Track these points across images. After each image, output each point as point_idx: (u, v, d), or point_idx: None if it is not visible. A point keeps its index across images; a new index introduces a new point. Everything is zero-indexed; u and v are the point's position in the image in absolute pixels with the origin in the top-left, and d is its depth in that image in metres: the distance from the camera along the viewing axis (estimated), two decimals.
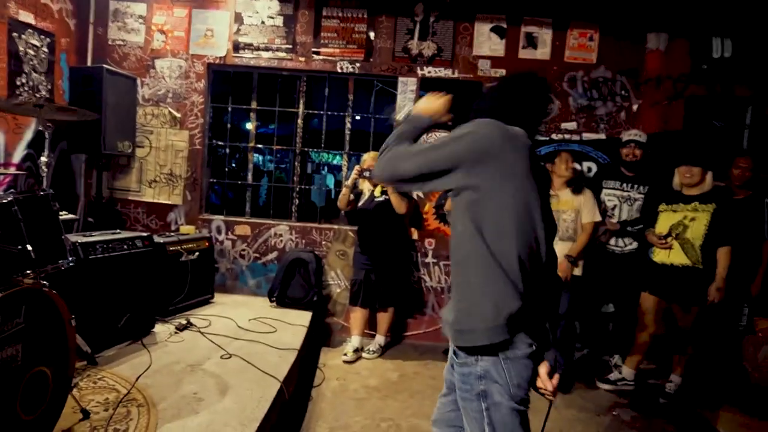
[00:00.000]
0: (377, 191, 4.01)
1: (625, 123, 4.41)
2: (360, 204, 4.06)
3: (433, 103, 1.73)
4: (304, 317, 4.04)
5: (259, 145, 4.98)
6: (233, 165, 10.08)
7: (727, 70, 4.34)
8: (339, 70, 4.49)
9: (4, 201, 2.06)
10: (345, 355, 3.99)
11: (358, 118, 4.78)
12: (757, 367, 3.50)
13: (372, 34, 4.46)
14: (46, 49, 3.95)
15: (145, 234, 3.39)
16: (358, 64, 4.48)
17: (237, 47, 4.50)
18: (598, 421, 3.28)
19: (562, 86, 4.44)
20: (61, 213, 3.58)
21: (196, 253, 4.07)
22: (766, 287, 3.67)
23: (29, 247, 2.08)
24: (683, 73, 4.38)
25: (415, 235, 4.52)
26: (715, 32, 4.34)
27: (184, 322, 3.57)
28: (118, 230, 3.41)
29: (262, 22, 4.47)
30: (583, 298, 3.93)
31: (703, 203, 3.37)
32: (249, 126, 4.95)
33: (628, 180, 3.92)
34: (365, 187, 4.11)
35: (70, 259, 2.32)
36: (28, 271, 2.09)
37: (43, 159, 2.53)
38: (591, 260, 3.83)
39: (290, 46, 4.47)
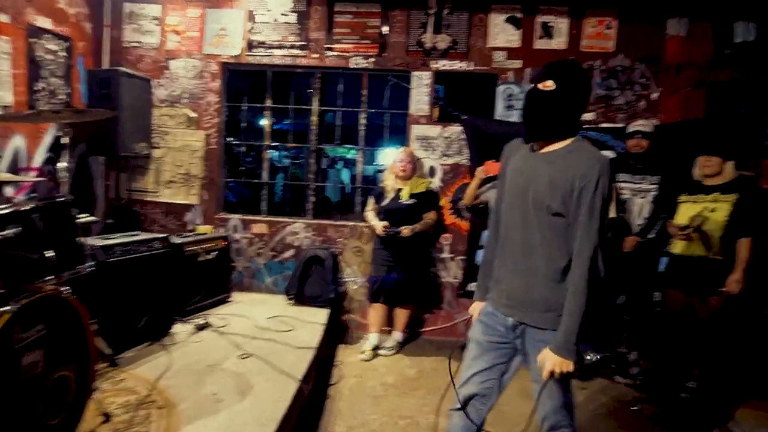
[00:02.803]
0: (405, 194, 3.98)
1: (645, 112, 4.31)
2: (384, 204, 4.03)
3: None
4: (321, 315, 4.05)
5: (274, 144, 4.99)
6: (249, 161, 10.15)
7: (750, 55, 4.21)
8: (353, 66, 4.46)
9: (24, 209, 2.09)
10: (363, 353, 4.00)
11: (373, 111, 4.76)
12: None
13: (385, 29, 4.41)
14: (64, 54, 4.00)
15: (162, 235, 3.43)
16: (371, 59, 4.45)
17: (251, 46, 4.50)
18: (618, 417, 3.24)
19: None
20: (81, 216, 3.66)
21: (214, 253, 4.11)
22: None
23: (49, 254, 2.11)
24: (705, 59, 4.26)
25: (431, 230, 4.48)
26: (737, 16, 4.19)
27: (202, 321, 3.60)
28: (137, 232, 3.46)
29: (275, 20, 4.46)
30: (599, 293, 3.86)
31: (724, 193, 3.27)
32: (264, 123, 4.95)
33: (637, 171, 3.82)
34: (389, 184, 4.09)
35: (90, 263, 2.35)
36: (49, 277, 2.12)
37: (62, 164, 2.55)
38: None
39: (304, 43, 4.46)
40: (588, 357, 1.76)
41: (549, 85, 1.76)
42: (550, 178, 1.76)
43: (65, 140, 2.58)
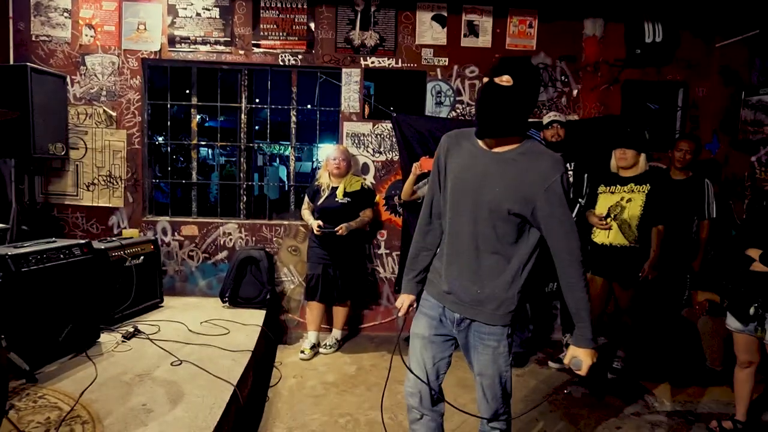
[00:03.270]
0: (339, 193, 3.96)
1: (566, 108, 4.53)
2: (320, 203, 4.00)
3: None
4: (257, 316, 3.98)
5: (202, 142, 4.84)
6: (181, 160, 9.74)
7: (658, 54, 4.52)
8: (281, 63, 4.39)
9: None
10: (302, 352, 3.97)
11: (304, 108, 4.72)
12: (698, 338, 3.68)
13: (313, 25, 4.38)
14: None
15: (83, 241, 3.24)
16: (300, 56, 4.40)
17: (172, 41, 4.32)
18: (551, 400, 3.40)
19: None
20: None
21: (141, 257, 3.94)
22: (707, 263, 3.86)
23: None
24: (619, 58, 4.52)
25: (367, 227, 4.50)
26: (646, 17, 4.49)
27: (131, 329, 3.44)
28: (53, 239, 3.24)
29: (198, 14, 4.31)
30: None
31: (638, 184, 3.50)
32: (191, 121, 4.78)
33: None
34: (324, 182, 4.06)
35: None
36: None
37: None
38: None
39: (229, 39, 4.34)
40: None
41: (506, 80, 1.70)
42: (510, 180, 1.75)
43: None
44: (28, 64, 3.76)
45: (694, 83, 4.55)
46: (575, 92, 4.55)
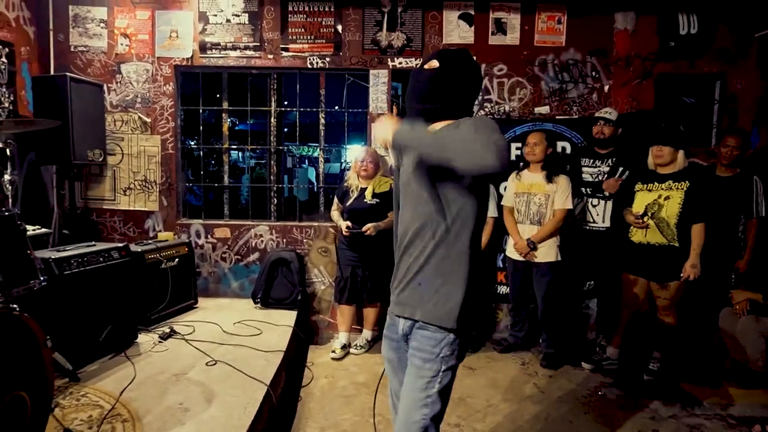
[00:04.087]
0: (368, 194, 3.98)
1: (597, 104, 4.44)
2: (349, 204, 4.03)
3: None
4: (289, 317, 4.03)
5: (233, 146, 4.92)
6: (213, 163, 9.96)
7: (693, 47, 4.39)
8: (309, 66, 4.44)
9: None
10: (333, 352, 4.00)
11: (332, 110, 4.75)
12: (735, 340, 3.55)
13: (340, 28, 4.41)
14: (5, 60, 3.85)
15: (121, 245, 3.35)
16: (327, 59, 4.44)
17: (203, 47, 4.42)
18: (584, 402, 3.34)
19: (534, 71, 4.44)
20: (34, 227, 3.54)
21: (176, 260, 4.04)
22: (754, 264, 3.72)
23: None
24: (651, 52, 4.41)
25: None
26: (680, 8, 4.37)
27: (167, 330, 3.54)
28: (93, 242, 3.36)
29: (228, 21, 4.40)
30: (564, 281, 3.99)
31: (677, 181, 3.40)
32: (222, 125, 4.88)
33: (600, 157, 3.96)
34: (353, 183, 4.09)
35: (42, 278, 2.28)
36: None
37: (7, 177, 2.47)
38: (568, 240, 3.90)
39: (258, 44, 4.41)
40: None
41: (434, 64, 1.69)
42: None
43: (9, 152, 2.50)
44: (67, 74, 3.91)
45: (731, 75, 4.40)
46: (606, 88, 4.46)
